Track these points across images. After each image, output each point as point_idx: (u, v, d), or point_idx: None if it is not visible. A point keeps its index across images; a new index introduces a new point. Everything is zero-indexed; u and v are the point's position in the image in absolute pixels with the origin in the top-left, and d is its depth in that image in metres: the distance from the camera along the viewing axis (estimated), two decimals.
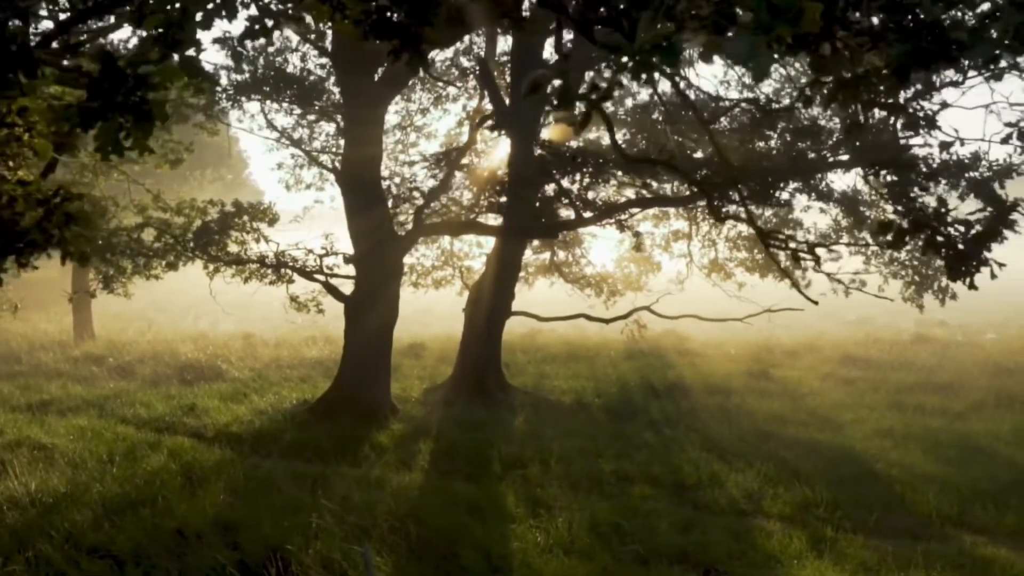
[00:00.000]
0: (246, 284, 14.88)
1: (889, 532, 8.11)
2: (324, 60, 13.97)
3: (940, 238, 3.64)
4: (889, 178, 10.37)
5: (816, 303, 12.02)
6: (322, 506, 7.71)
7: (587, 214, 13.85)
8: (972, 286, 3.91)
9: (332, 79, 14.28)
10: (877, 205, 14.57)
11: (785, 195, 11.62)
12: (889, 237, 3.50)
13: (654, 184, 13.47)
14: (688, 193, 11.43)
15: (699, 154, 11.83)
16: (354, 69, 12.15)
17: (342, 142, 14.29)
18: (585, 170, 11.72)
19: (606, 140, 12.31)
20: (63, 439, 10.67)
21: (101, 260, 13.89)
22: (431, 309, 26.89)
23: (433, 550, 6.81)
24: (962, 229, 3.60)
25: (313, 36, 12.57)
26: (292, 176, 19.02)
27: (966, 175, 10.80)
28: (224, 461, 10.12)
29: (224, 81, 14.40)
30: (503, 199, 11.93)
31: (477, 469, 10.18)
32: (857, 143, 10.54)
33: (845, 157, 11.67)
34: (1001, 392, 14.92)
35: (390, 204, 14.95)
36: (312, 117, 14.90)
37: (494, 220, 14.32)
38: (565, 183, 13.94)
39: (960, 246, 3.62)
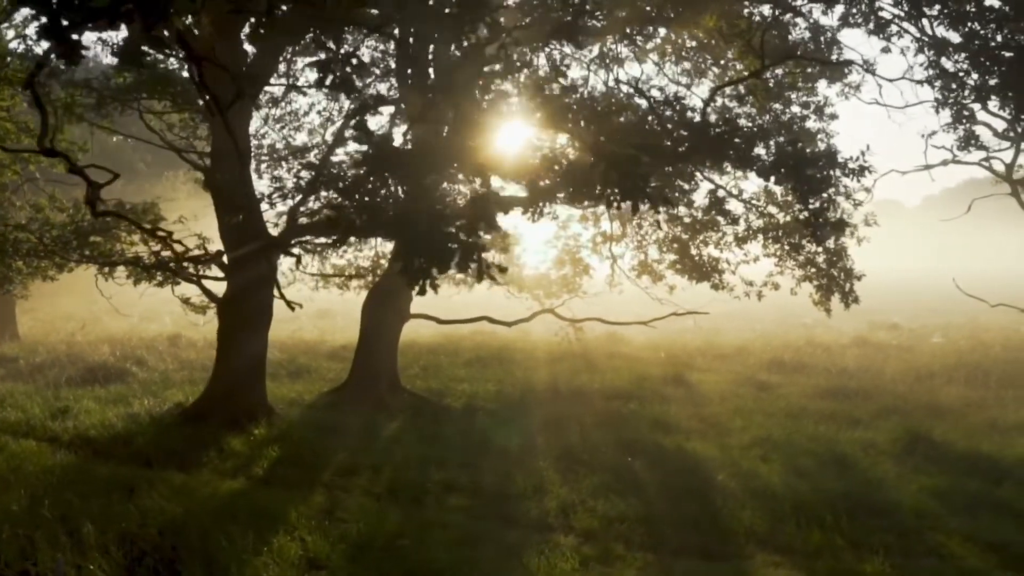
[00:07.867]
0: (136, 286, 14.77)
1: (686, 550, 7.66)
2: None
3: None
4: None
5: (294, 308, 11.78)
6: (85, 515, 7.45)
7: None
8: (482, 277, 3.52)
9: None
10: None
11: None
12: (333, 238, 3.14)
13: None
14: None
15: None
16: (213, 72, 11.89)
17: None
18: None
19: None
20: None
21: None
22: None
23: (153, 563, 6.53)
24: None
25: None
26: None
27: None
28: (52, 467, 9.89)
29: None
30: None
31: (308, 476, 9.88)
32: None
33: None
34: (909, 399, 14.36)
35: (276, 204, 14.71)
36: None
37: None
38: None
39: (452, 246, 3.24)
